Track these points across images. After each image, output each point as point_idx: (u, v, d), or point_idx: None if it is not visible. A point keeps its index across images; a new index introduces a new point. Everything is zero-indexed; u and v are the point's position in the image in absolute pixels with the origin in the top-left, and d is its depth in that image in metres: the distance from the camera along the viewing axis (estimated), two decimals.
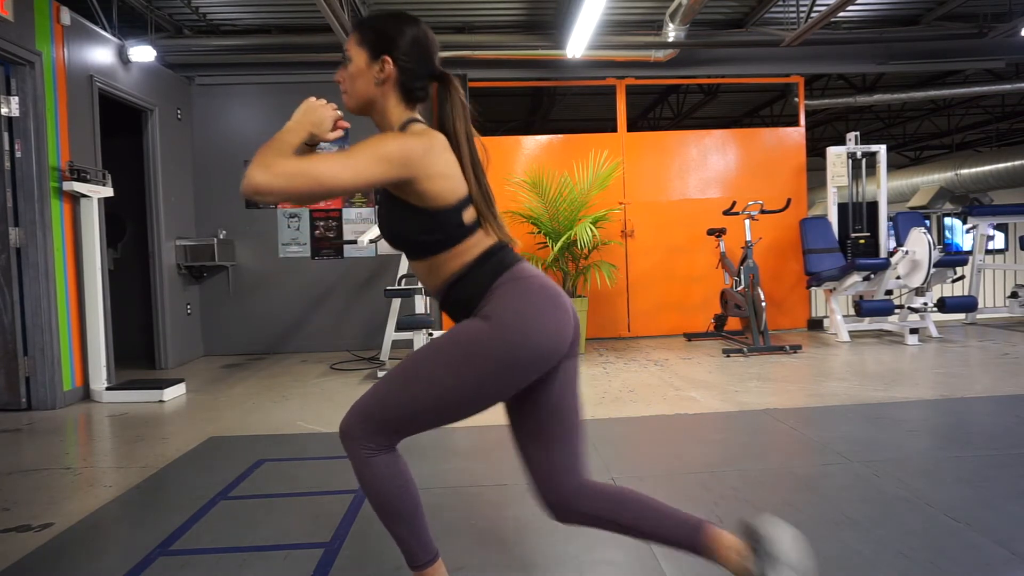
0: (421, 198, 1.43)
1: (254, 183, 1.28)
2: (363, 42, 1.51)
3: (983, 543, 1.94)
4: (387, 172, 1.36)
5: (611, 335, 6.57)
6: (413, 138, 1.41)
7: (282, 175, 1.29)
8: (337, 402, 4.19)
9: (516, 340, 1.41)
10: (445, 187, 1.43)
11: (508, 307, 1.43)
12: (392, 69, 1.49)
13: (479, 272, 1.48)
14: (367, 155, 1.34)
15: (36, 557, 2.10)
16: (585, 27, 5.15)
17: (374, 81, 1.51)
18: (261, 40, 5.91)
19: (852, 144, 6.44)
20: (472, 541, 2.10)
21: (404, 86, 1.52)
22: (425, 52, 1.52)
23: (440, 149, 1.44)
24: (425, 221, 1.45)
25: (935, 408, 3.52)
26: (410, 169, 1.38)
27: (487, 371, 1.42)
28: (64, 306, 4.40)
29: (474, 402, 1.46)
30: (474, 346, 1.42)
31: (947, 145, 14.12)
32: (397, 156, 1.36)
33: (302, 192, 1.30)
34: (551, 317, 1.44)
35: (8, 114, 4.13)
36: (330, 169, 1.31)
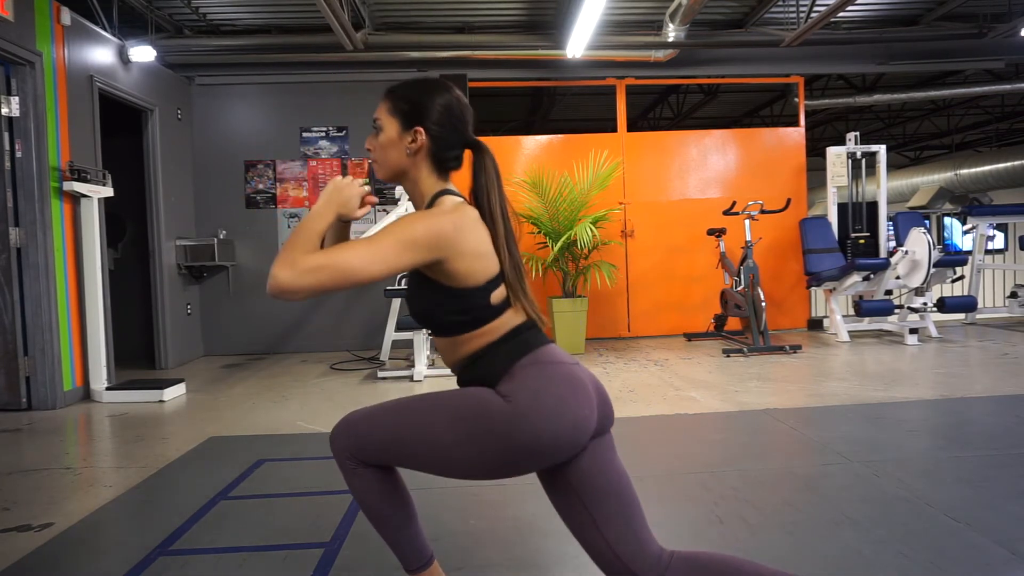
0: (450, 277, 1.36)
1: (280, 284, 1.22)
2: (395, 111, 1.45)
3: (983, 543, 1.94)
4: (416, 258, 1.30)
5: (611, 335, 6.57)
6: (442, 216, 1.35)
7: (308, 272, 1.23)
8: (337, 402, 4.19)
9: (527, 428, 1.31)
10: (475, 266, 1.36)
11: (527, 390, 1.33)
12: (425, 139, 1.43)
13: (500, 351, 1.40)
14: (395, 242, 1.28)
15: (36, 557, 2.10)
16: (585, 27, 5.15)
17: (406, 152, 1.45)
18: (261, 40, 5.92)
19: (852, 144, 6.44)
20: (472, 541, 2.10)
21: (436, 156, 1.46)
22: (459, 121, 1.46)
23: (471, 225, 1.38)
24: (453, 301, 1.39)
25: (935, 408, 3.52)
26: (440, 251, 1.32)
27: (488, 447, 1.33)
28: (64, 306, 4.40)
29: (468, 470, 1.38)
30: (483, 418, 1.34)
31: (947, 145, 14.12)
32: (426, 240, 1.30)
33: (330, 287, 1.25)
34: (571, 408, 1.33)
35: (8, 114, 4.13)
36: (358, 261, 1.25)
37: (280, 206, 6.43)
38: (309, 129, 6.45)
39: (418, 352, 4.86)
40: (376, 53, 5.94)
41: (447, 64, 6.20)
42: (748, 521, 2.16)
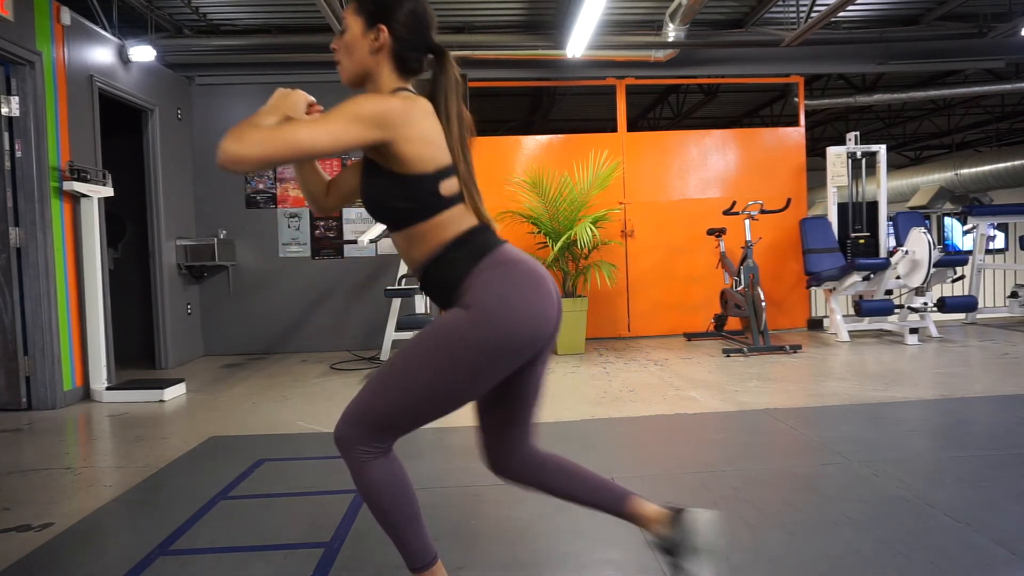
0: (398, 162, 1.40)
1: (229, 153, 1.27)
2: (360, 10, 1.50)
3: (983, 543, 1.94)
4: (365, 132, 1.34)
5: (611, 335, 6.57)
6: (394, 99, 1.39)
7: (257, 142, 1.28)
8: (337, 402, 4.19)
9: (501, 329, 1.39)
10: (424, 152, 1.40)
11: (491, 295, 1.40)
12: (387, 38, 1.48)
13: (458, 253, 1.45)
14: (345, 116, 1.33)
15: (36, 557, 2.10)
16: (585, 27, 5.15)
17: (369, 50, 1.49)
18: (261, 40, 5.92)
19: (852, 144, 6.44)
20: (472, 541, 2.10)
21: (399, 56, 1.50)
22: (422, 23, 1.51)
23: (422, 114, 1.42)
24: (400, 186, 1.42)
25: (935, 408, 3.52)
26: (388, 130, 1.35)
27: (475, 363, 1.40)
28: (64, 306, 4.40)
29: (466, 393, 1.46)
30: (460, 339, 1.40)
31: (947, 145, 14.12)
32: (375, 116, 1.34)
33: (279, 157, 1.30)
34: (535, 304, 1.43)
35: (8, 114, 4.13)
36: (307, 132, 1.31)
37: (280, 206, 6.43)
38: None
39: None
40: None
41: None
42: (748, 521, 2.16)
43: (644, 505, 1.64)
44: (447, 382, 1.42)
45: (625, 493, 1.65)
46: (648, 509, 1.63)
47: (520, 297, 1.42)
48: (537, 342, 1.45)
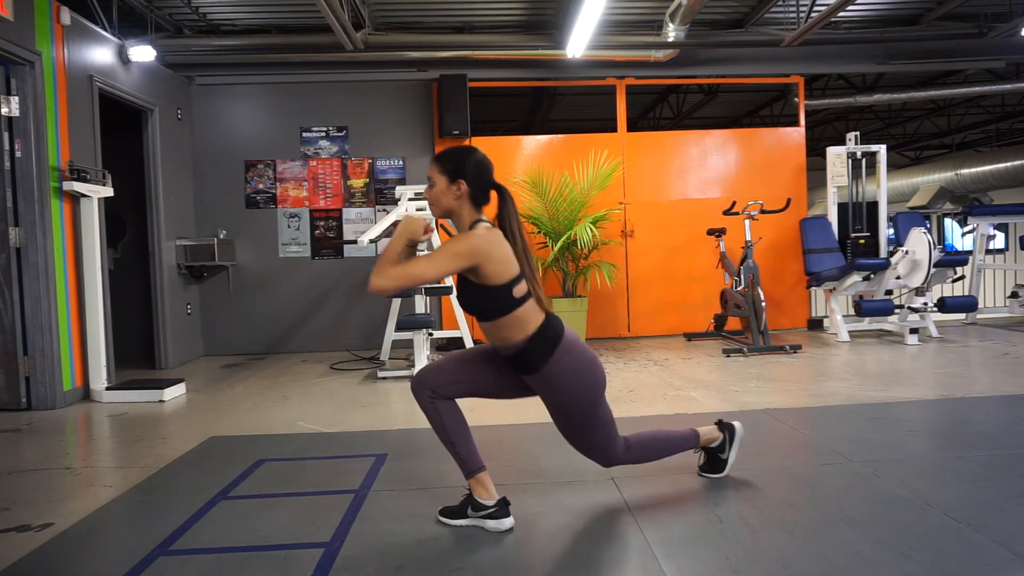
0: (484, 278, 2.03)
1: (376, 287, 1.99)
2: (443, 171, 2.12)
3: (983, 543, 1.94)
4: (460, 264, 2.01)
5: (611, 335, 6.57)
6: (477, 237, 2.03)
7: (393, 278, 1.99)
8: (337, 402, 4.19)
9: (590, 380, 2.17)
10: (500, 270, 2.03)
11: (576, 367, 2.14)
12: (466, 188, 2.10)
13: (540, 345, 2.10)
14: (446, 256, 2.00)
15: (36, 557, 2.10)
16: (585, 27, 5.15)
17: (453, 197, 2.12)
18: (261, 40, 5.91)
19: (852, 144, 6.44)
20: (472, 541, 2.10)
21: (473, 197, 2.12)
22: (486, 172, 2.14)
23: (498, 241, 2.06)
24: (486, 294, 2.06)
25: (935, 408, 3.52)
26: (475, 259, 2.00)
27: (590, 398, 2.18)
28: (64, 306, 4.40)
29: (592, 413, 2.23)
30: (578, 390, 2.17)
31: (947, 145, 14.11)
32: (466, 252, 2.00)
33: (407, 287, 2.02)
34: (593, 362, 2.19)
35: (8, 114, 4.13)
36: (422, 269, 2.00)
37: (280, 206, 6.43)
38: (309, 129, 6.45)
39: (418, 352, 4.86)
40: (376, 53, 5.94)
41: (447, 64, 6.20)
42: (748, 521, 2.16)
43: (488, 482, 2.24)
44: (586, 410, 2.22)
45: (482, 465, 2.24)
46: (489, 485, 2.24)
47: (587, 361, 2.17)
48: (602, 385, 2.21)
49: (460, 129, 6.16)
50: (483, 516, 2.18)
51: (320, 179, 6.45)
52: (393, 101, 6.46)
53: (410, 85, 6.47)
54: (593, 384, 2.16)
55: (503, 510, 2.18)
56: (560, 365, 2.11)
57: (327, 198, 6.46)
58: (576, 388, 2.13)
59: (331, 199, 6.46)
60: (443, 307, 6.38)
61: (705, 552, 1.96)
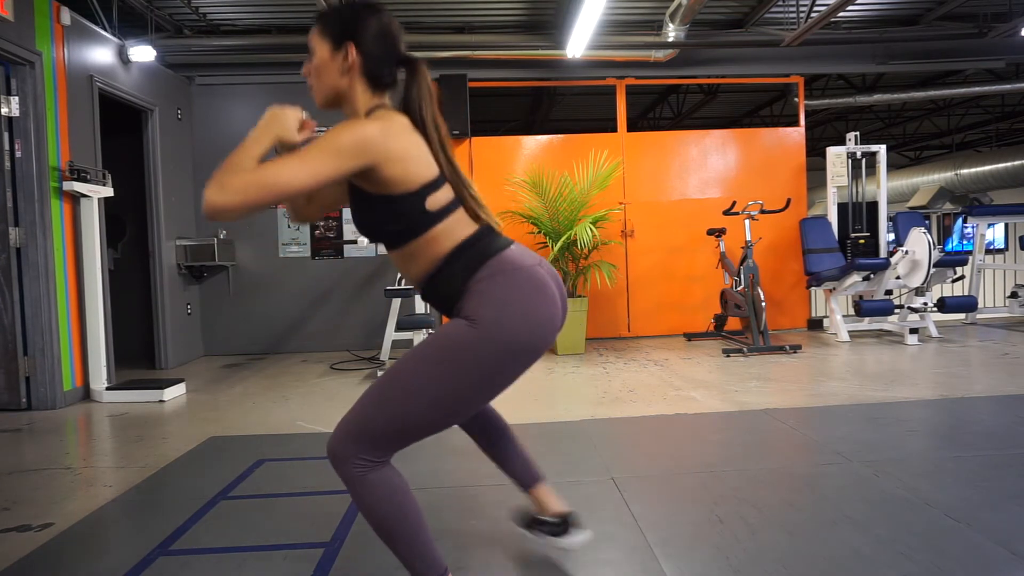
0: (382, 184, 1.38)
1: (209, 202, 1.25)
2: (325, 32, 1.48)
3: (983, 543, 1.94)
4: (345, 164, 1.32)
5: (611, 335, 6.57)
6: (368, 123, 1.36)
7: (237, 190, 1.25)
8: (337, 402, 4.19)
9: (505, 340, 1.39)
10: (407, 170, 1.38)
11: (492, 305, 1.39)
12: (356, 56, 1.47)
13: (456, 266, 1.43)
14: (323, 150, 1.30)
15: (36, 557, 2.10)
16: (585, 27, 5.15)
17: (339, 71, 1.48)
18: (261, 40, 5.91)
19: (852, 144, 6.44)
20: (472, 541, 2.10)
21: (370, 73, 1.49)
22: (389, 37, 1.49)
23: (399, 130, 1.39)
24: (387, 209, 1.41)
25: (935, 408, 3.52)
26: (368, 156, 1.33)
27: (480, 375, 1.40)
28: (64, 306, 4.40)
29: (471, 403, 1.44)
30: (463, 352, 1.39)
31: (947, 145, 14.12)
32: (352, 145, 1.32)
33: (259, 202, 1.27)
34: (537, 310, 1.42)
35: (8, 114, 4.13)
36: (286, 173, 1.28)
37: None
38: None
39: None
40: None
41: (447, 64, 6.20)
42: (748, 521, 2.16)
43: (549, 494, 1.90)
44: (452, 394, 1.40)
45: (537, 476, 1.89)
46: (551, 499, 1.89)
47: (521, 305, 1.40)
48: (542, 348, 1.44)
49: (460, 129, 6.16)
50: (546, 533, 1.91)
51: None
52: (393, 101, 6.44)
53: None
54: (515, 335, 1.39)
55: (566, 527, 1.87)
56: (480, 289, 1.41)
57: None
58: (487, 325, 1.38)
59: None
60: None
61: (705, 552, 1.96)
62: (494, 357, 1.39)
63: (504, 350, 1.39)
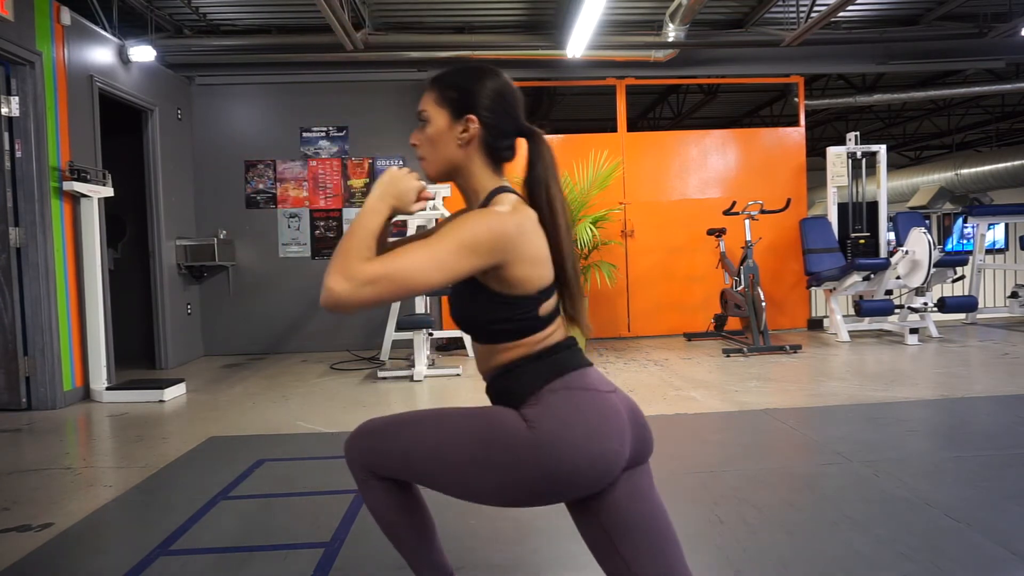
0: (504, 284, 1.24)
1: (336, 298, 1.11)
2: (443, 101, 1.34)
3: (983, 543, 1.94)
4: (478, 262, 1.19)
5: (611, 335, 6.57)
6: (505, 217, 1.23)
7: (366, 284, 1.12)
8: (337, 402, 4.19)
9: (550, 458, 1.21)
10: (532, 274, 1.25)
11: (554, 418, 1.23)
12: (478, 128, 1.33)
13: (531, 368, 1.28)
14: (454, 246, 1.17)
15: (36, 557, 2.10)
16: (585, 27, 5.15)
17: (457, 143, 1.34)
18: (261, 40, 5.91)
19: (852, 144, 6.44)
20: (472, 541, 2.10)
21: (490, 147, 1.36)
22: (511, 107, 1.36)
23: (533, 228, 1.27)
24: (502, 309, 1.26)
25: (935, 408, 3.52)
26: (502, 254, 1.20)
27: (509, 475, 1.24)
28: (64, 306, 4.40)
29: (486, 496, 1.30)
30: (504, 444, 1.24)
31: (947, 145, 14.11)
32: (488, 243, 1.19)
33: (388, 299, 1.15)
34: (599, 440, 1.23)
35: (8, 114, 4.13)
36: (418, 269, 1.14)
37: (280, 206, 6.43)
38: (309, 129, 6.45)
39: (418, 352, 4.86)
40: (376, 53, 5.94)
41: (447, 64, 6.17)
42: (748, 521, 2.16)
43: None
44: (472, 476, 1.27)
45: None
46: None
47: (583, 428, 1.22)
48: (593, 481, 1.24)
49: None
50: None
51: (320, 179, 6.45)
52: (393, 101, 6.45)
53: (410, 85, 6.47)
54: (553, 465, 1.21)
55: None
56: (549, 400, 1.25)
57: (327, 198, 6.46)
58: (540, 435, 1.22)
59: (331, 199, 6.46)
60: (443, 307, 6.37)
61: (705, 552, 1.96)
62: (531, 471, 1.22)
63: (545, 471, 1.22)
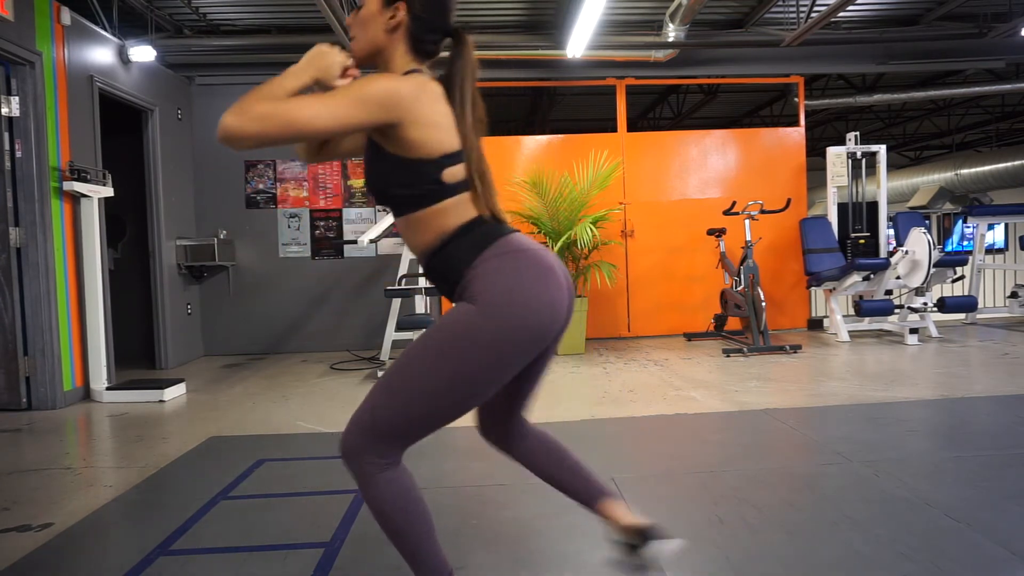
0: (402, 146, 1.34)
1: (225, 127, 1.22)
2: None
3: (983, 543, 1.94)
4: (370, 115, 1.28)
5: (611, 335, 6.57)
6: (403, 80, 1.34)
7: (255, 118, 1.22)
8: (337, 402, 4.19)
9: (509, 322, 1.33)
10: (430, 136, 1.34)
11: (496, 288, 1.34)
12: (405, 16, 1.43)
13: (461, 243, 1.38)
14: (351, 96, 1.27)
15: (36, 557, 2.10)
16: (585, 27, 5.15)
17: (384, 28, 1.44)
18: (261, 40, 5.91)
19: (852, 144, 6.44)
20: (472, 541, 2.10)
21: (415, 36, 1.45)
22: (441, 4, 1.46)
23: (432, 97, 1.36)
24: (402, 171, 1.36)
25: (935, 408, 3.52)
26: (395, 112, 1.30)
27: (485, 360, 1.34)
28: (64, 306, 4.40)
29: (478, 392, 1.39)
30: (467, 337, 1.34)
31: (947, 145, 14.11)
32: (382, 97, 1.29)
33: (275, 136, 1.23)
34: (544, 294, 1.36)
35: (8, 114, 4.13)
36: (308, 111, 1.24)
37: (280, 206, 6.43)
38: None
39: None
40: None
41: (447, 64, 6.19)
42: (748, 521, 2.16)
43: (618, 509, 1.60)
44: (458, 382, 1.35)
45: (602, 491, 1.63)
46: (621, 513, 1.59)
47: (527, 287, 1.35)
48: (548, 334, 1.38)
49: None
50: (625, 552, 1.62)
51: (320, 179, 6.45)
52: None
53: None
54: (521, 319, 1.33)
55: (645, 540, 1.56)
56: (484, 270, 1.36)
57: (327, 198, 6.46)
58: (490, 308, 1.33)
59: (331, 199, 6.46)
60: (443, 307, 6.37)
61: (705, 552, 1.96)
62: (501, 341, 1.33)
63: (511, 334, 1.33)
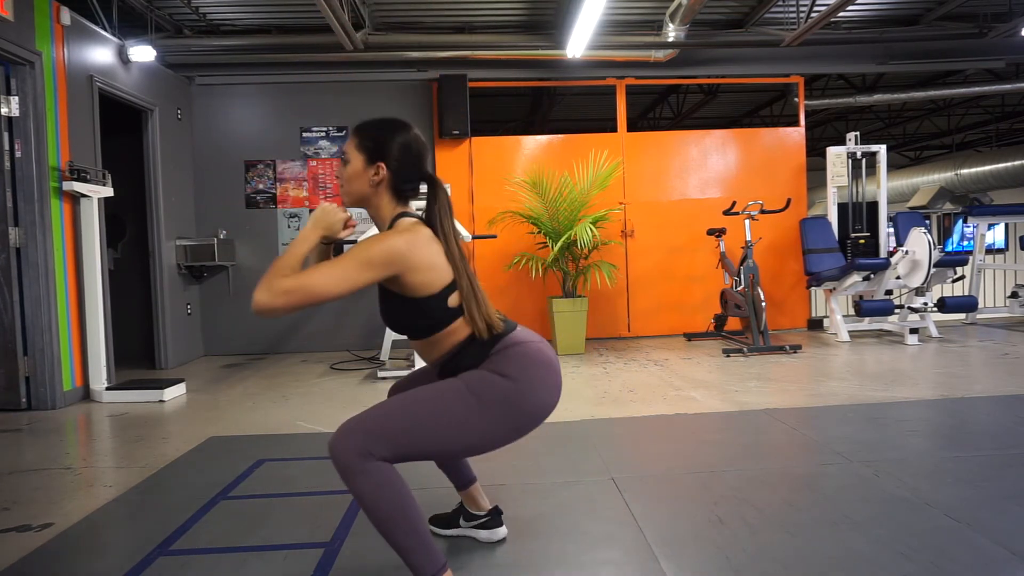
0: (407, 289, 1.60)
1: (257, 303, 1.46)
2: (361, 147, 1.69)
3: (983, 543, 1.94)
4: (376, 273, 1.54)
5: (611, 335, 6.57)
6: (396, 236, 1.56)
7: (281, 293, 1.46)
8: (337, 402, 4.19)
9: (530, 397, 1.61)
10: (430, 278, 1.60)
11: (514, 364, 1.62)
12: (386, 173, 1.68)
13: (471, 349, 1.66)
14: (355, 263, 1.51)
15: (36, 557, 2.10)
16: (585, 27, 5.15)
17: (369, 183, 1.68)
18: (261, 40, 5.91)
19: (852, 144, 6.44)
20: (472, 541, 2.10)
21: (395, 187, 1.70)
22: (415, 157, 1.70)
23: (424, 242, 1.60)
24: (414, 308, 1.63)
25: (935, 408, 3.52)
26: (395, 266, 1.55)
27: (499, 415, 1.59)
28: (64, 306, 4.40)
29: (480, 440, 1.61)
30: (490, 391, 1.59)
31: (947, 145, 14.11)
32: (381, 259, 1.53)
33: (300, 305, 1.48)
34: (549, 378, 1.65)
35: (8, 114, 4.13)
36: (323, 281, 1.49)
37: (280, 206, 6.43)
38: (309, 129, 6.45)
39: None
40: (376, 53, 5.94)
41: (447, 64, 6.20)
42: (748, 521, 2.16)
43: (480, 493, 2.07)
44: (468, 424, 1.57)
45: (472, 478, 2.05)
46: (481, 496, 2.07)
47: (538, 371, 1.64)
48: (547, 412, 1.67)
49: (460, 129, 6.16)
50: (475, 526, 2.06)
51: (320, 179, 6.45)
52: (393, 101, 6.45)
53: (410, 85, 6.47)
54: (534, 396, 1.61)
55: (496, 519, 2.05)
56: (502, 360, 1.63)
57: (327, 198, 6.46)
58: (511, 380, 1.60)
59: (331, 199, 6.46)
60: None
61: (705, 552, 1.96)
62: (517, 409, 1.60)
63: (528, 408, 1.61)
